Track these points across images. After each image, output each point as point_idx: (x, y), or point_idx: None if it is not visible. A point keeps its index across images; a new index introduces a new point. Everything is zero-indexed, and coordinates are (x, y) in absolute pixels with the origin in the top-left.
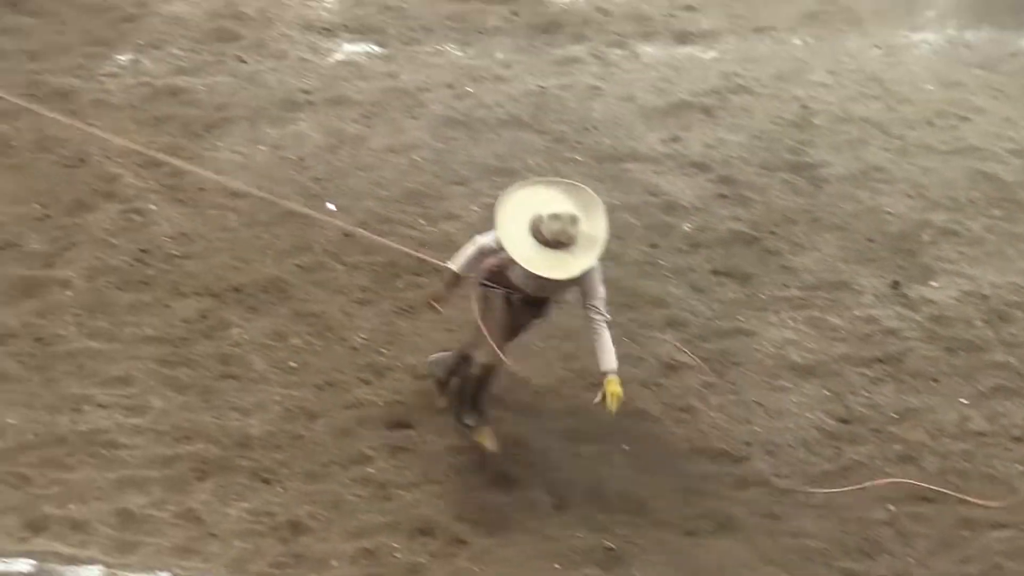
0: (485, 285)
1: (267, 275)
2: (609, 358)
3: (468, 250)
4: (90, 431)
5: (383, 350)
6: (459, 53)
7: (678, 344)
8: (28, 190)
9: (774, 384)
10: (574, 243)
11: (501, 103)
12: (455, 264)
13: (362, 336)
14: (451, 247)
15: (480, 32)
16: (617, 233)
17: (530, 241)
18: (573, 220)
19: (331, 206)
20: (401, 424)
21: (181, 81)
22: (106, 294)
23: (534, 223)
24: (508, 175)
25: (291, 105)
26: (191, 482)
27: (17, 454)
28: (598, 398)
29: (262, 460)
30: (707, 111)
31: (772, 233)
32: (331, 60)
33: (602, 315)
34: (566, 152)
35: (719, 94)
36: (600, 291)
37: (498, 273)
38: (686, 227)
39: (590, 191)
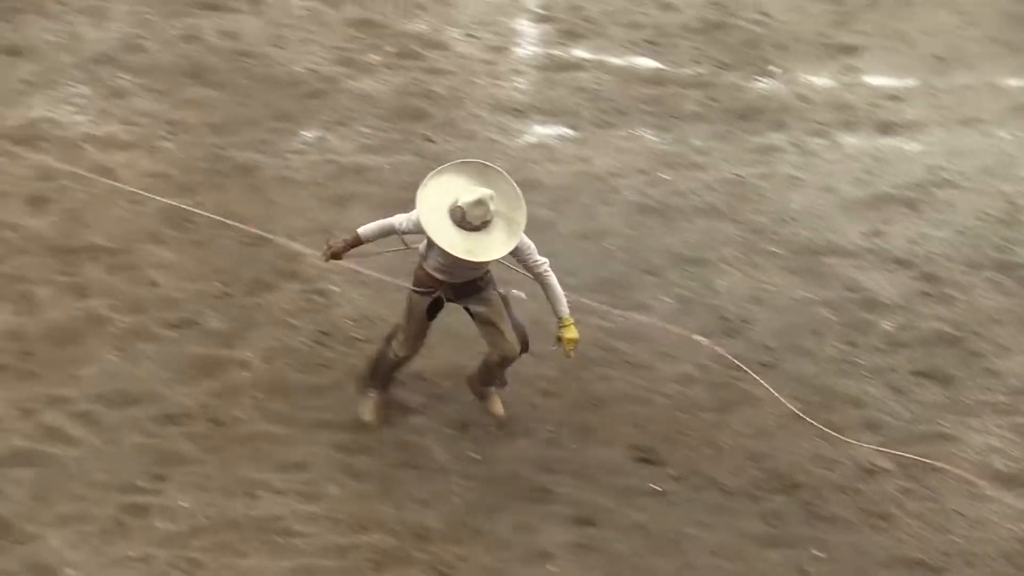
0: (416, 291)
1: (450, 362)
2: (563, 305)
3: (381, 222)
4: (264, 517)
5: (571, 445)
6: (654, 138)
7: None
8: (209, 267)
9: (975, 492)
10: (492, 220)
11: (696, 191)
12: (363, 229)
13: (548, 429)
14: (640, 337)
15: (676, 117)
16: (814, 329)
17: (453, 229)
18: (492, 198)
19: (519, 293)
20: (586, 521)
21: (367, 159)
22: (285, 376)
23: (453, 211)
24: (701, 265)
25: None
26: (366, 573)
27: (189, 538)
28: (555, 345)
29: (440, 553)
30: (910, 205)
31: (976, 334)
32: (521, 142)
33: (543, 260)
34: (763, 244)
35: (923, 187)
36: (528, 242)
37: (424, 276)
38: (886, 325)
39: (494, 166)
